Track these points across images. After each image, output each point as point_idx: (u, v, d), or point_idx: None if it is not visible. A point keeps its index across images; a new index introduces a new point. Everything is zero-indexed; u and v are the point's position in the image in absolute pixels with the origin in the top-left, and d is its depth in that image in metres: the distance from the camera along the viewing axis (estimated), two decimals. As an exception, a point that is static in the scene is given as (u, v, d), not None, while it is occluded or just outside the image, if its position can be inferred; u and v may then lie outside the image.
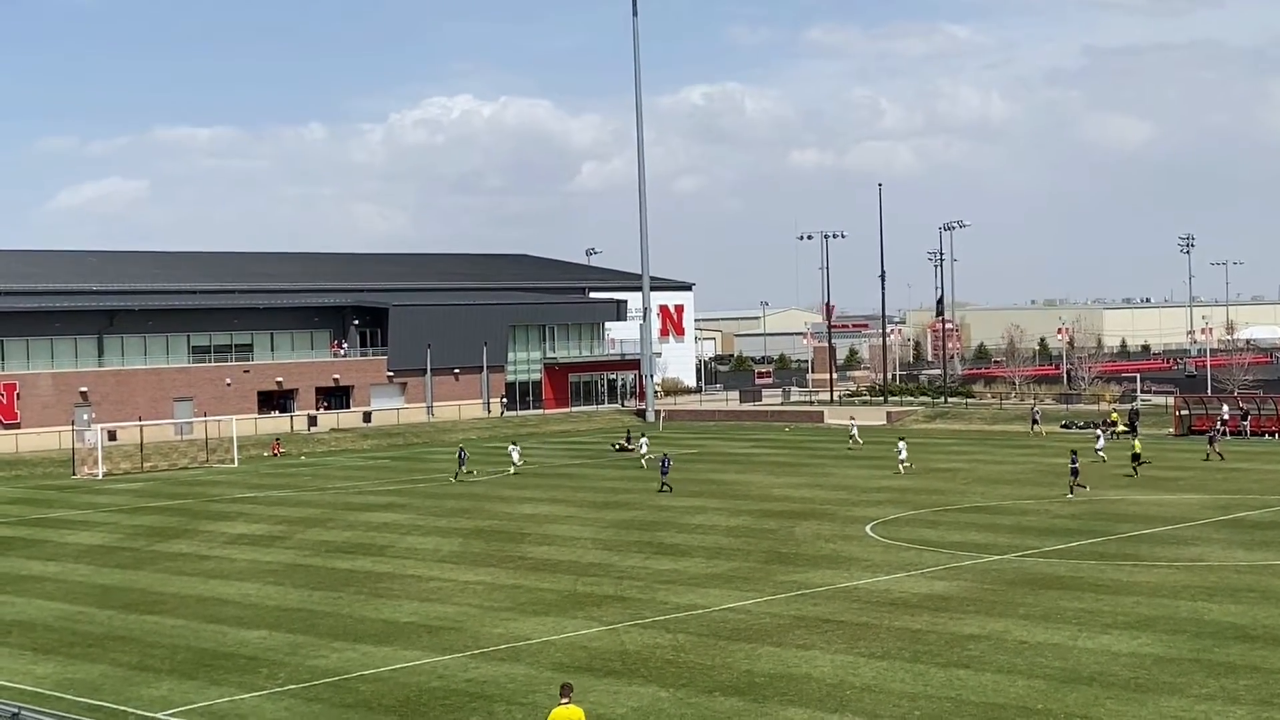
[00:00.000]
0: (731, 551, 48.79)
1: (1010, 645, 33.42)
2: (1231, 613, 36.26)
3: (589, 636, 35.91)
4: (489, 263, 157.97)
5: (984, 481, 67.22)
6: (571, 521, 57.77)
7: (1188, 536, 49.04)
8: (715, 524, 55.68)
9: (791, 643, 34.41)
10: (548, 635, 36.16)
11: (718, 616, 37.86)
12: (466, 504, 64.85)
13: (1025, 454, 78.99)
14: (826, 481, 67.18)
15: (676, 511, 59.56)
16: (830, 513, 57.73)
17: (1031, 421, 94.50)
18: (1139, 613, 36.58)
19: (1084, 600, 38.36)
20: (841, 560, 46.20)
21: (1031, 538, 49.42)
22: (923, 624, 36.01)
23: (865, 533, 51.98)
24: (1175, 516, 53.80)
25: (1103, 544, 47.90)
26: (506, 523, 58.09)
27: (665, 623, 37.23)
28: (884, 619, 36.75)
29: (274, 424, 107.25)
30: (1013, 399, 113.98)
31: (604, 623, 37.48)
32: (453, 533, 55.73)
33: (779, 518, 56.74)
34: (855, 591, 40.74)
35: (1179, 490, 62.03)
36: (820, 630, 35.66)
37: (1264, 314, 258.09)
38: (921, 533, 51.43)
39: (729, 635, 35.50)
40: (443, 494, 69.51)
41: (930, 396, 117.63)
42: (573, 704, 23.88)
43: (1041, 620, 35.99)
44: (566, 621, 37.81)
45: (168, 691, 31.83)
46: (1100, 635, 34.15)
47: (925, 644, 33.80)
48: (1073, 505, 57.39)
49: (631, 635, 35.89)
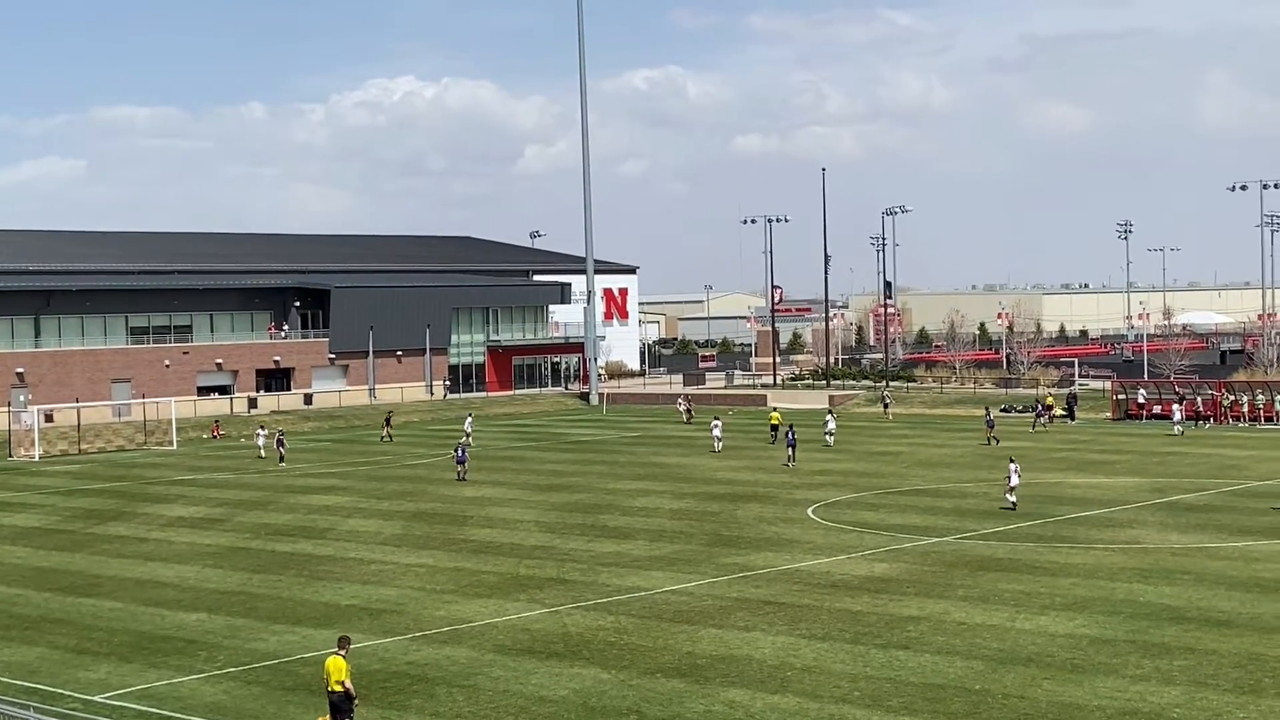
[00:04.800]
0: (674, 534, 48.89)
1: (949, 626, 33.69)
2: (1166, 594, 36.71)
3: (531, 619, 35.91)
4: (432, 245, 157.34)
5: (925, 465, 67.67)
6: (514, 504, 57.70)
7: (1124, 519, 49.58)
8: (658, 507, 55.78)
9: (733, 624, 34.54)
10: (490, 618, 36.12)
11: (660, 598, 37.95)
12: (409, 487, 64.64)
13: (965, 438, 79.53)
14: (769, 464, 67.41)
15: (620, 494, 59.61)
16: (773, 495, 57.95)
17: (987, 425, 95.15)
18: (1076, 594, 36.97)
19: (1022, 582, 38.73)
20: (783, 543, 46.40)
21: (971, 520, 49.81)
22: (863, 605, 36.24)
23: (807, 515, 52.23)
24: (1111, 499, 54.37)
25: (1040, 526, 48.35)
26: (449, 506, 57.95)
27: (607, 605, 37.29)
28: (825, 600, 36.95)
29: (214, 406, 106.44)
30: (954, 383, 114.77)
31: (546, 605, 37.49)
32: (395, 515, 55.54)
33: (722, 500, 56.91)
34: (797, 573, 40.93)
35: (1115, 474, 62.69)
36: (762, 612, 35.81)
37: (1200, 300, 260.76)
38: (863, 515, 51.74)
39: (671, 617, 35.59)
40: (385, 476, 69.25)
41: (872, 380, 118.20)
42: (342, 657, 25.97)
43: (980, 602, 36.30)
44: (509, 604, 37.79)
45: (105, 674, 31.59)
46: (1038, 616, 34.49)
47: (866, 625, 34.02)
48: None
49: (574, 617, 35.92)
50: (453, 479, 66.58)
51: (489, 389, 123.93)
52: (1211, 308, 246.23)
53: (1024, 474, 61.03)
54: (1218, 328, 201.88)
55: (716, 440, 75.31)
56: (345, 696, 25.82)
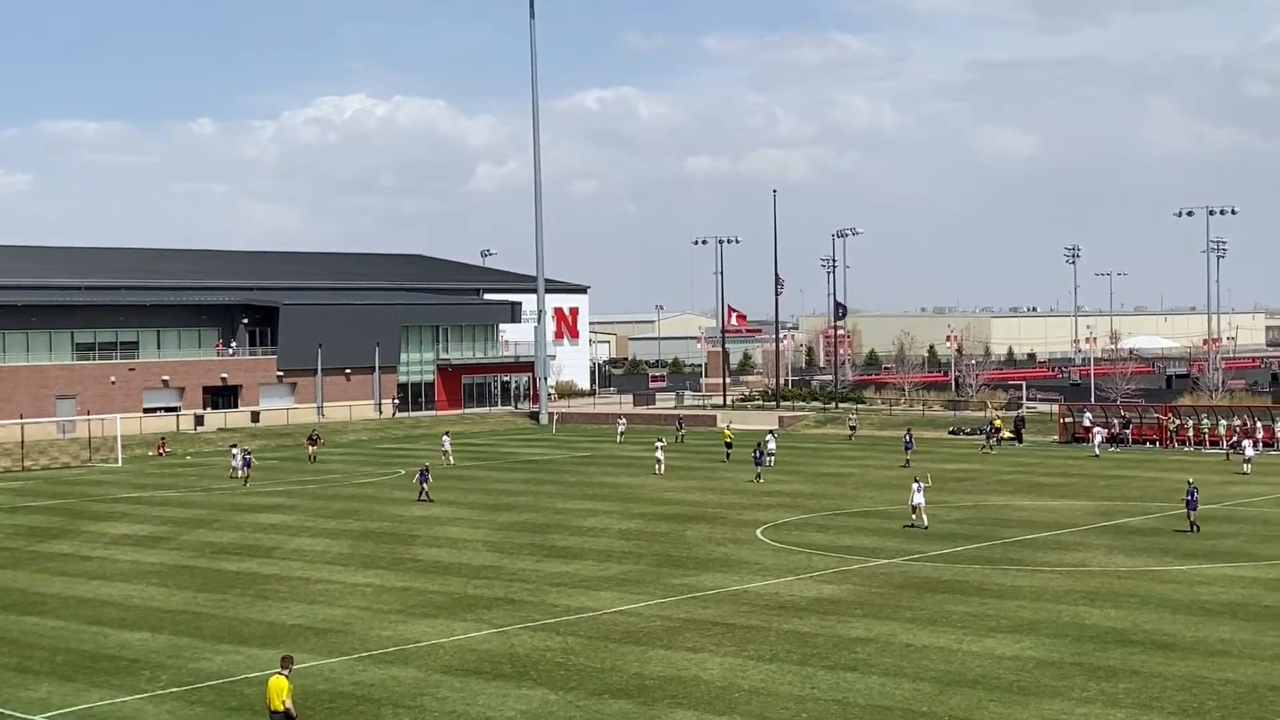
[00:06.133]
0: (623, 554, 48.87)
1: (896, 648, 33.81)
2: (1112, 617, 36.98)
3: (478, 639, 35.79)
4: (382, 262, 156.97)
5: (873, 486, 67.93)
6: (462, 524, 57.53)
7: (1070, 542, 49.93)
8: (607, 526, 55.74)
9: (681, 645, 34.54)
10: (437, 638, 35.98)
11: (608, 619, 37.92)
12: (356, 505, 64.33)
13: (915, 459, 79.81)
14: (719, 485, 67.50)
15: (569, 514, 59.54)
16: (721, 516, 58.03)
17: None
18: (1022, 616, 37.19)
19: (969, 604, 38.92)
20: (732, 563, 46.46)
21: (918, 542, 50.02)
22: (811, 627, 36.32)
23: (756, 536, 52.32)
24: (1059, 522, 54.74)
25: (988, 549, 48.63)
26: (397, 525, 57.71)
27: (555, 625, 37.21)
28: (773, 622, 37.02)
29: (160, 423, 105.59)
30: (902, 405, 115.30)
31: (494, 625, 37.38)
32: (342, 534, 55.26)
33: (671, 521, 56.93)
34: (745, 595, 40.99)
35: (1062, 496, 63.12)
36: (710, 633, 35.84)
37: (1147, 324, 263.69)
38: (811, 537, 51.87)
39: (619, 638, 35.56)
40: (332, 495, 68.88)
41: (822, 402, 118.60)
42: (285, 677, 26.20)
43: (927, 624, 36.46)
44: (456, 624, 37.66)
45: (47, 694, 31.24)
46: (984, 639, 34.67)
47: (813, 647, 34.10)
48: (960, 511, 58.21)
49: (521, 638, 35.82)
50: (404, 498, 66.27)
51: (438, 408, 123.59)
52: (1158, 332, 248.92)
53: (974, 495, 61.36)
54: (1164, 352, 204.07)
55: (658, 463, 75.04)
56: (286, 717, 25.80)
